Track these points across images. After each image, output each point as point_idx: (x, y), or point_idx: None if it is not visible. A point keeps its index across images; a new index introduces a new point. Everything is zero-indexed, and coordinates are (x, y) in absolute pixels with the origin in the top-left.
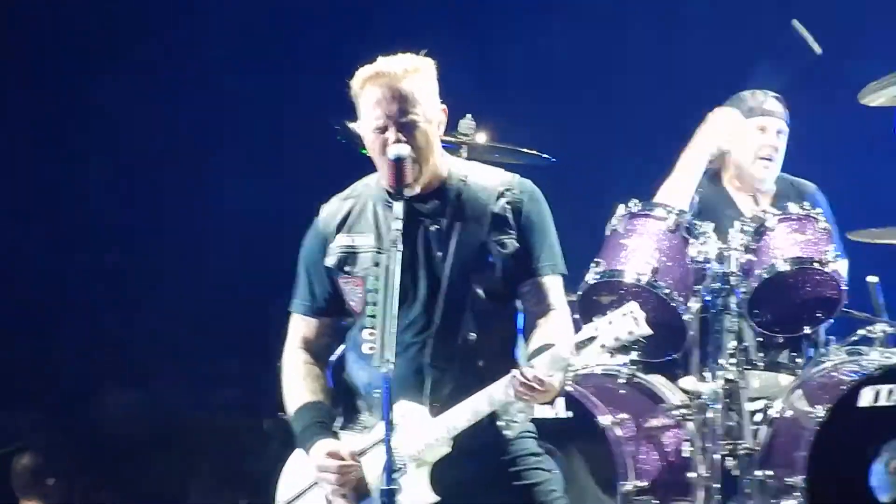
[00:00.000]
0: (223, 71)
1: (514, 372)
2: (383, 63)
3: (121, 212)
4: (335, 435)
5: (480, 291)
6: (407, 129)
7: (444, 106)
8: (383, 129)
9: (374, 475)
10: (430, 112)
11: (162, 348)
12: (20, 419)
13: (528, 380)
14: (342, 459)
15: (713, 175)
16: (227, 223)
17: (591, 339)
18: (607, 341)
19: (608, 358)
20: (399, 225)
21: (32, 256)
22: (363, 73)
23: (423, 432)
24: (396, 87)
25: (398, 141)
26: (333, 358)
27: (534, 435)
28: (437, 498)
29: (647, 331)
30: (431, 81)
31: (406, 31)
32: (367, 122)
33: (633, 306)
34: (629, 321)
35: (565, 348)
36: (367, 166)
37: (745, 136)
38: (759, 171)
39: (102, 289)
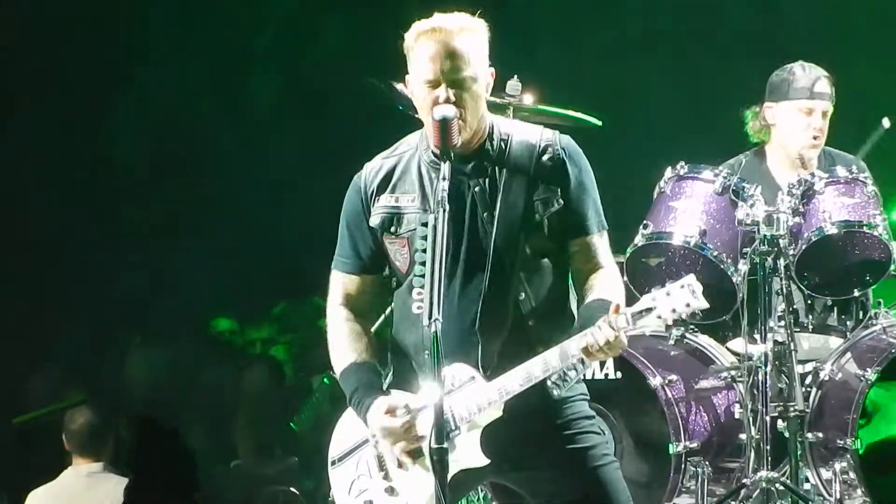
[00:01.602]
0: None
1: (585, 335)
2: (440, 19)
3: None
4: (387, 394)
5: (528, 250)
6: (457, 87)
7: (493, 69)
8: (435, 85)
9: (425, 434)
10: (481, 72)
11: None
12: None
13: (598, 342)
14: (405, 415)
15: (758, 149)
16: (268, 181)
17: (649, 309)
18: (664, 313)
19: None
20: (446, 185)
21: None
22: (419, 27)
23: (476, 395)
24: (451, 43)
25: (448, 99)
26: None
27: (586, 397)
28: (488, 461)
29: (705, 304)
30: (484, 42)
31: None
32: (419, 76)
33: (690, 279)
34: (687, 293)
35: (622, 318)
36: (411, 125)
37: (790, 116)
38: (805, 151)
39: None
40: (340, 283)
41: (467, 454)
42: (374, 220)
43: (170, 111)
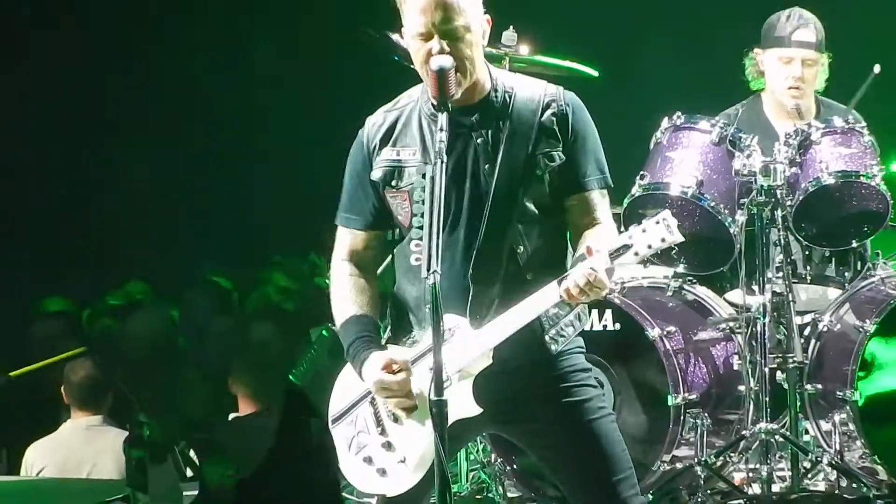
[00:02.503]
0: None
1: (565, 278)
2: None
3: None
4: (384, 348)
5: (529, 204)
6: (450, 38)
7: (488, 16)
8: (427, 37)
9: (419, 388)
10: (474, 21)
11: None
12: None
13: (577, 283)
14: (400, 370)
15: (754, 98)
16: (273, 138)
17: (626, 247)
18: (640, 249)
19: (649, 268)
20: (444, 136)
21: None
22: None
23: (466, 345)
24: None
25: (441, 50)
26: (379, 270)
27: (582, 350)
28: (480, 410)
29: (680, 238)
30: None
31: None
32: (411, 30)
33: (665, 214)
34: (662, 229)
35: (601, 256)
36: (413, 78)
37: (772, 65)
38: (787, 100)
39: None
40: (345, 238)
41: (460, 404)
42: (376, 174)
43: (168, 74)
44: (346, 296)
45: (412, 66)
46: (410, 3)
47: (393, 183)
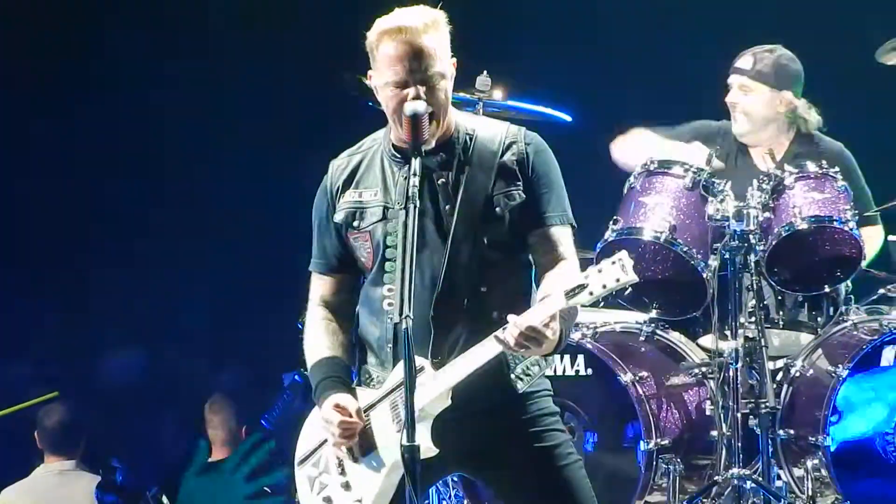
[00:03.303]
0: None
1: (509, 322)
2: (403, 16)
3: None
4: (351, 390)
5: (487, 243)
6: (427, 85)
7: (454, 59)
8: (403, 85)
9: (379, 429)
10: (448, 67)
11: (180, 308)
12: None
13: (518, 329)
14: (348, 415)
15: (727, 130)
16: (241, 184)
17: (581, 286)
18: (596, 289)
19: (626, 312)
20: (415, 181)
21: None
22: (382, 25)
23: (424, 386)
24: (418, 42)
25: (417, 97)
26: None
27: (550, 393)
28: (437, 450)
29: (634, 278)
30: (447, 35)
31: None
32: (385, 76)
33: (622, 254)
34: (617, 269)
35: (557, 297)
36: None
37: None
38: (734, 125)
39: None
40: (317, 283)
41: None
42: (338, 217)
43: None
44: (316, 339)
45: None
46: (384, 48)
47: (354, 224)
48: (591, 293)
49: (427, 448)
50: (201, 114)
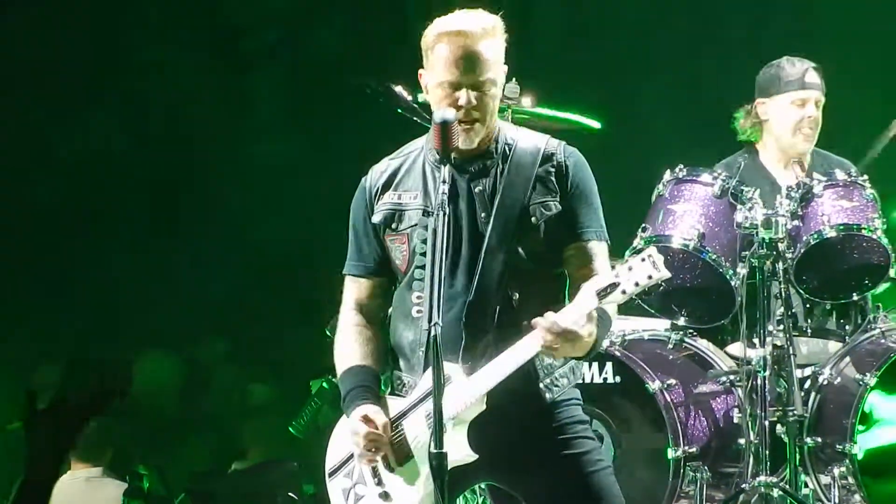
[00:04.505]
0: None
1: (536, 320)
2: (463, 20)
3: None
4: (380, 399)
5: (523, 253)
6: (478, 90)
7: (506, 66)
8: (455, 87)
9: (414, 436)
10: (500, 75)
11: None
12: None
13: (549, 327)
14: (375, 427)
15: (750, 148)
16: (278, 191)
17: (613, 285)
18: (628, 287)
19: (654, 320)
20: (446, 188)
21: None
22: (442, 26)
23: (459, 392)
24: (474, 48)
25: (469, 102)
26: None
27: (579, 402)
28: (476, 456)
29: (667, 273)
30: (503, 42)
31: None
32: (438, 76)
33: (651, 250)
34: (648, 266)
35: (588, 296)
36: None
37: (783, 110)
38: (800, 143)
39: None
40: (351, 288)
41: (456, 451)
42: (377, 218)
43: (166, 110)
44: (348, 346)
45: (415, 118)
46: (441, 50)
47: (393, 226)
48: (623, 291)
49: (466, 454)
50: (227, 131)
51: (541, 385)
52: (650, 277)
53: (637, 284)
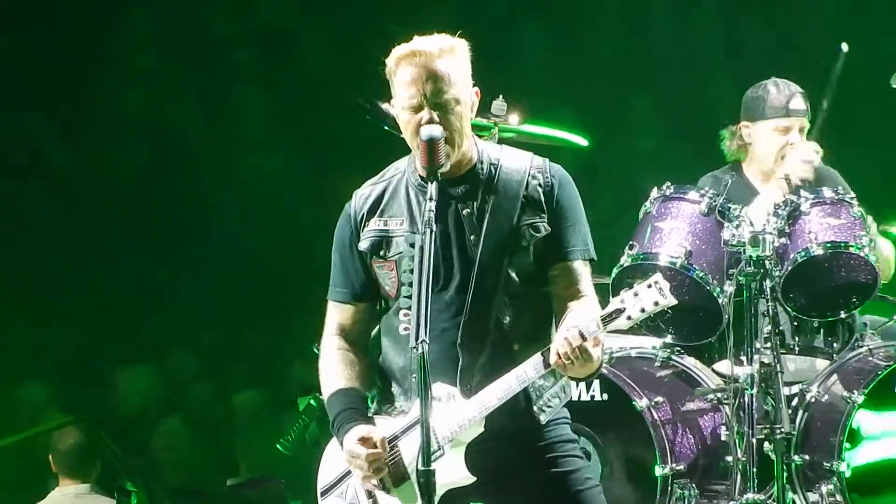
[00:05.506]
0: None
1: (559, 334)
2: (419, 42)
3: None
4: (370, 420)
5: (513, 275)
6: (441, 109)
7: (477, 88)
8: (417, 109)
9: (410, 458)
10: (464, 93)
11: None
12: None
13: (569, 343)
14: (373, 446)
15: (736, 165)
16: (265, 203)
17: (619, 311)
18: (633, 313)
19: (637, 338)
20: (433, 206)
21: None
22: (399, 51)
23: (457, 413)
24: (432, 66)
25: (431, 120)
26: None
27: (568, 420)
28: (474, 478)
29: (673, 301)
30: (466, 62)
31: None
32: (401, 101)
33: (657, 277)
34: (654, 292)
35: (592, 322)
36: (401, 150)
37: (766, 135)
38: (799, 171)
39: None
40: (334, 312)
41: (453, 473)
42: (363, 245)
43: (153, 123)
44: (333, 369)
45: (402, 136)
46: (401, 74)
47: (381, 253)
48: (629, 317)
49: (464, 476)
50: (215, 143)
51: (534, 407)
52: (656, 304)
53: (643, 311)
